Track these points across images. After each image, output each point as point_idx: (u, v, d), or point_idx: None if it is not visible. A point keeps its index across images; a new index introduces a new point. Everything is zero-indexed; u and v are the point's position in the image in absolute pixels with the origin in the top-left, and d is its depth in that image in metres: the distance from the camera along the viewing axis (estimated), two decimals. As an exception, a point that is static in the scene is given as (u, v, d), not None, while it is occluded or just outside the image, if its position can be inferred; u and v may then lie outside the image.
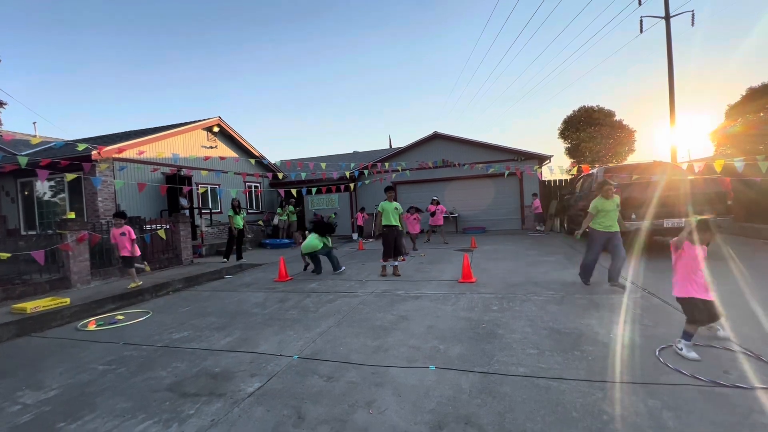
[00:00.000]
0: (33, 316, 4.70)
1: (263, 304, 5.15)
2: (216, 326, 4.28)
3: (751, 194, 8.47)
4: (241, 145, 14.94)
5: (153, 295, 6.18)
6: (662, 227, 6.57)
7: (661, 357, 2.78)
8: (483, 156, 14.27)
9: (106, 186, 9.81)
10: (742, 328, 3.25)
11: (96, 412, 2.51)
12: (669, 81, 12.78)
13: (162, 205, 11.45)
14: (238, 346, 3.58)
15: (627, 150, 22.98)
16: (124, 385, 2.90)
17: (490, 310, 4.23)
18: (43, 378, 3.12)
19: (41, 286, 6.27)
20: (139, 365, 3.27)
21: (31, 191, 10.69)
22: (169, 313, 5.05)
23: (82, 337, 4.20)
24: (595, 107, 23.14)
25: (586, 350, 3.01)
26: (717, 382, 2.39)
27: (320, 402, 2.45)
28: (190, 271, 7.81)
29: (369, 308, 4.63)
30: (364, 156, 19.17)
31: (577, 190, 10.08)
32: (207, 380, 2.89)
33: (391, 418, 2.23)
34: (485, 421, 2.14)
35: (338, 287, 5.94)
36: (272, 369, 3.01)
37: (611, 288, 4.85)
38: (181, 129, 12.41)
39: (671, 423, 2.01)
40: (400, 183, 15.42)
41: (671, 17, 12.81)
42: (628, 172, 7.87)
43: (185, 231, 9.33)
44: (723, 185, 6.52)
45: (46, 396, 2.79)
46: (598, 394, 2.35)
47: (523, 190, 14.06)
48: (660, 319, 3.60)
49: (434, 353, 3.14)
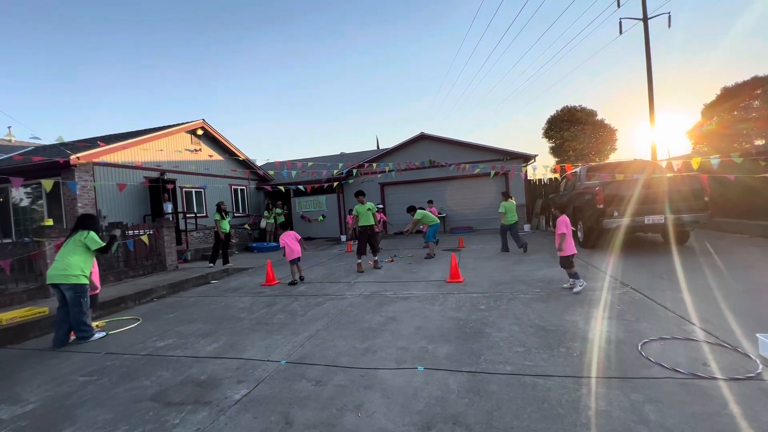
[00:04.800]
0: (9, 327, 4.54)
1: (250, 309, 5.09)
2: (202, 333, 4.21)
3: (726, 191, 8.77)
4: (225, 147, 14.73)
5: (136, 303, 6.04)
6: (643, 224, 6.73)
7: (643, 351, 2.85)
8: (469, 156, 14.39)
9: (86, 192, 9.54)
10: (719, 321, 3.35)
11: (76, 424, 2.44)
12: (648, 81, 13.13)
13: (145, 210, 11.21)
14: (225, 353, 3.53)
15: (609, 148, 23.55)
16: (106, 396, 2.82)
17: (478, 310, 4.27)
18: (20, 391, 3.02)
19: (18, 296, 6.06)
20: (122, 375, 3.19)
21: (6, 197, 10.33)
22: (153, 320, 4.95)
23: (61, 347, 4.07)
24: (578, 107, 23.64)
25: (571, 347, 3.06)
26: (696, 374, 2.46)
27: (308, 407, 2.44)
28: (175, 277, 7.66)
29: (357, 310, 4.62)
30: (351, 157, 19.12)
31: (561, 189, 10.27)
32: (192, 388, 2.83)
33: (379, 420, 2.23)
34: (473, 420, 2.16)
35: (326, 290, 5.91)
36: (259, 375, 2.97)
37: (593, 284, 4.95)
38: (165, 132, 12.16)
39: (653, 416, 2.06)
40: (388, 184, 15.44)
41: (649, 19, 13.17)
42: (610, 171, 8.04)
43: (169, 236, 9.15)
44: (700, 182, 6.73)
45: (23, 410, 2.70)
46: (583, 389, 2.39)
47: (508, 189, 14.23)
48: (642, 315, 3.69)
49: (423, 354, 3.15)
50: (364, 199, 7.64)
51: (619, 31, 13.84)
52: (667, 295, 4.26)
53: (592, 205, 7.18)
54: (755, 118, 16.39)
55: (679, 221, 6.64)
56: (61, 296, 4.15)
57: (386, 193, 15.62)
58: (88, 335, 4.11)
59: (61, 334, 4.10)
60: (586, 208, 7.63)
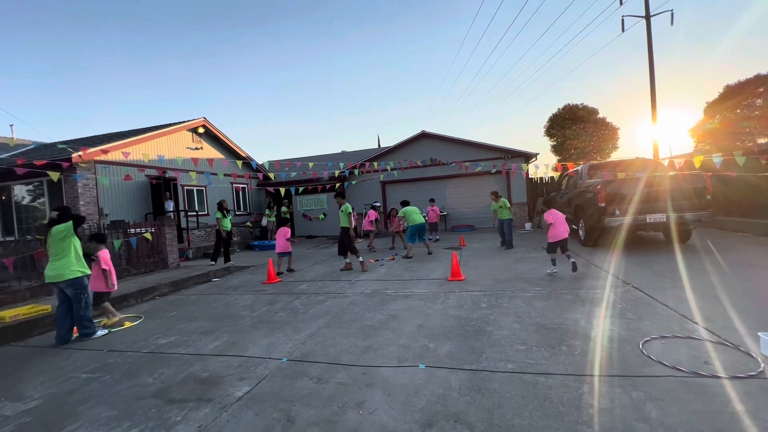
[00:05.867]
0: (12, 324, 4.56)
1: (252, 307, 5.10)
2: (204, 330, 4.22)
3: (728, 189, 8.74)
4: (227, 146, 14.74)
5: (139, 300, 6.06)
6: (645, 222, 6.72)
7: (645, 350, 2.85)
8: (470, 154, 14.37)
9: (87, 190, 9.56)
10: (721, 319, 3.35)
11: (79, 421, 2.45)
12: (650, 79, 13.07)
13: (147, 208, 11.23)
14: (227, 350, 3.54)
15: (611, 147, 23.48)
16: (109, 393, 2.84)
17: (479, 308, 4.27)
18: (23, 388, 3.04)
19: (21, 293, 6.09)
20: (124, 372, 3.21)
21: (9, 196, 10.36)
22: (156, 318, 4.96)
23: (64, 345, 4.09)
24: (580, 105, 23.56)
25: (572, 345, 3.06)
26: (697, 372, 2.46)
27: (310, 404, 2.44)
28: (177, 275, 7.68)
29: (359, 308, 4.62)
30: (352, 156, 19.11)
31: (563, 187, 10.24)
32: (194, 385, 2.85)
33: (381, 418, 2.24)
34: (474, 418, 2.16)
35: (328, 288, 5.92)
36: (261, 372, 2.98)
37: (595, 283, 4.95)
38: (166, 130, 12.17)
39: (654, 414, 2.06)
40: (389, 182, 15.42)
41: (651, 16, 13.10)
42: (612, 169, 8.02)
43: (171, 234, 9.17)
44: (703, 181, 6.71)
45: (27, 407, 2.71)
46: (585, 387, 2.39)
47: (510, 188, 14.21)
48: (643, 313, 3.68)
49: (424, 352, 3.16)
50: (342, 200, 7.73)
51: (622, 28, 13.78)
52: (669, 293, 4.25)
53: (594, 203, 7.17)
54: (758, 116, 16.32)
55: (681, 220, 6.62)
56: (61, 294, 4.16)
57: (387, 191, 15.61)
58: (90, 332, 4.13)
59: (63, 331, 4.11)
60: (587, 207, 7.62)
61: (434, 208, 11.59)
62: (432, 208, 11.54)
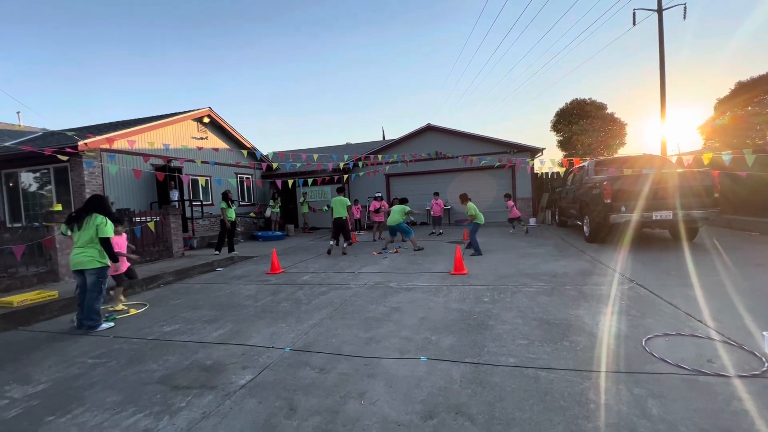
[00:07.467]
0: (19, 309, 4.63)
1: (255, 297, 5.13)
2: (207, 319, 4.26)
3: (737, 187, 8.63)
4: (232, 136, 14.73)
5: (144, 288, 6.12)
6: (651, 220, 6.66)
7: (648, 347, 2.84)
8: (476, 148, 14.27)
9: (93, 178, 9.62)
10: (725, 318, 3.33)
11: (85, 405, 2.50)
12: (660, 74, 12.86)
13: (152, 197, 11.29)
14: (230, 339, 3.57)
15: (618, 143, 23.17)
16: (115, 378, 2.88)
17: (482, 302, 4.27)
18: (30, 372, 3.09)
19: (28, 279, 6.17)
20: (130, 358, 3.25)
21: (16, 183, 10.45)
22: (160, 305, 5.02)
23: (71, 330, 4.15)
24: (588, 100, 23.23)
25: (574, 340, 3.06)
26: (700, 370, 2.45)
27: (312, 393, 2.47)
28: (181, 264, 7.74)
29: (361, 300, 4.64)
30: (357, 148, 19.05)
31: (568, 183, 10.16)
32: (198, 373, 2.88)
33: (382, 408, 2.25)
34: (475, 410, 2.17)
35: (331, 279, 5.94)
36: (264, 361, 3.01)
37: (599, 279, 4.93)
38: (171, 119, 12.18)
39: (655, 410, 2.06)
40: (393, 175, 15.38)
41: (663, 10, 12.84)
42: (619, 165, 7.93)
43: (176, 223, 9.23)
44: (711, 178, 6.63)
45: (34, 390, 2.76)
46: (586, 383, 2.39)
47: (515, 182, 14.13)
48: (647, 310, 3.67)
49: (426, 344, 3.17)
50: (341, 193, 8.92)
51: (633, 22, 13.54)
52: (674, 291, 4.23)
53: (600, 199, 7.11)
54: (770, 113, 16.00)
55: (688, 217, 6.55)
56: (83, 281, 4.19)
57: (392, 184, 15.58)
58: (95, 325, 4.16)
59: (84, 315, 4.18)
60: (593, 203, 7.56)
61: (438, 201, 11.58)
62: (436, 201, 11.54)
